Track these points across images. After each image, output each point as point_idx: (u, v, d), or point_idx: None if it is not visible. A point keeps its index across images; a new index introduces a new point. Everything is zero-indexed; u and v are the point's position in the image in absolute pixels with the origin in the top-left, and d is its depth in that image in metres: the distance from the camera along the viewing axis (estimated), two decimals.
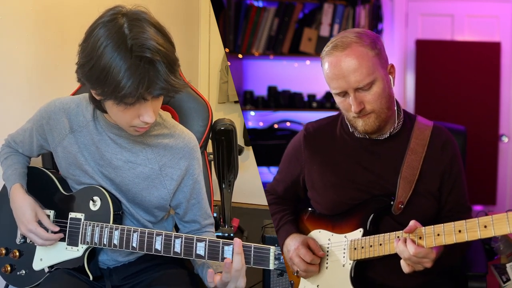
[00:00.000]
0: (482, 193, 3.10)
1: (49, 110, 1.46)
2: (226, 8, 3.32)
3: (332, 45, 1.42)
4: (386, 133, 1.51)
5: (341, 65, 1.40)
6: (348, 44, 1.40)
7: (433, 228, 1.30)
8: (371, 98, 1.42)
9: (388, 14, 3.21)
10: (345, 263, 1.48)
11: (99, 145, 1.41)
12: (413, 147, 1.49)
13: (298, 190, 1.67)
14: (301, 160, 1.62)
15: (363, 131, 1.48)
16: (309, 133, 1.63)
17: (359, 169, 1.52)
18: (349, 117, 1.49)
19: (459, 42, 3.10)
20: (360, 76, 1.39)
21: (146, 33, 1.16)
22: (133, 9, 1.21)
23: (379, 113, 1.44)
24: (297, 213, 1.68)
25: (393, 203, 1.46)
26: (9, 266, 1.53)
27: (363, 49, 1.40)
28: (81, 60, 1.21)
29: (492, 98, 3.08)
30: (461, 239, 1.25)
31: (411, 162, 1.48)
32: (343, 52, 1.40)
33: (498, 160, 3.12)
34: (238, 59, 3.41)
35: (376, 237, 1.43)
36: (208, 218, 1.55)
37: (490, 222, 1.20)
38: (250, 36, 3.31)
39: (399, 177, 1.47)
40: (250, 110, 3.49)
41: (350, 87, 1.40)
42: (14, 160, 1.54)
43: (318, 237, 1.56)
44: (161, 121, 1.45)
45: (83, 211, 1.43)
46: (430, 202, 1.50)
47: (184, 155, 1.45)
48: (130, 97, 1.16)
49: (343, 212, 1.53)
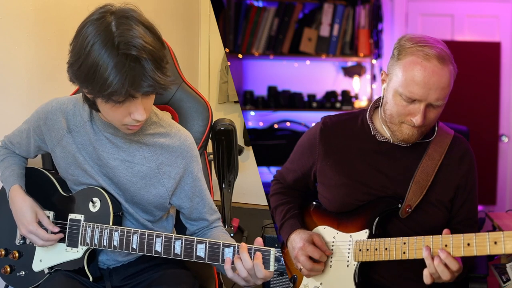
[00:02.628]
0: (482, 193, 3.08)
1: (46, 111, 1.46)
2: (226, 8, 3.32)
3: (430, 51, 1.33)
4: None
5: (434, 76, 1.32)
6: (447, 59, 1.34)
7: (441, 238, 1.27)
8: (433, 116, 1.39)
9: (388, 14, 3.21)
10: (349, 264, 1.46)
11: (96, 145, 1.41)
12: (430, 153, 1.47)
13: (308, 182, 1.65)
14: (315, 153, 1.59)
15: (401, 139, 1.44)
16: (326, 127, 1.59)
17: (373, 172, 1.50)
18: (397, 121, 1.42)
19: (459, 42, 3.10)
20: (442, 96, 1.35)
21: (133, 30, 1.16)
22: (122, 7, 1.22)
23: (427, 129, 1.43)
24: (303, 206, 1.66)
25: (400, 206, 1.44)
26: (8, 267, 1.52)
27: (454, 72, 1.36)
28: (71, 59, 1.22)
29: (492, 98, 3.08)
30: (469, 253, 1.21)
31: (426, 168, 1.46)
32: (441, 65, 1.33)
33: (498, 160, 3.12)
34: (238, 59, 3.41)
35: (382, 240, 1.40)
36: (215, 213, 1.54)
37: (501, 239, 1.16)
38: (250, 36, 3.31)
39: (412, 180, 1.45)
40: (250, 110, 3.49)
41: (427, 100, 1.35)
42: (11, 162, 1.54)
43: (323, 234, 1.54)
44: (157, 120, 1.45)
45: (83, 212, 1.43)
46: (441, 211, 1.48)
47: (181, 154, 1.44)
48: (117, 94, 1.16)
49: (349, 211, 1.52)
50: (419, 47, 1.34)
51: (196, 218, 1.51)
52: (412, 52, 1.35)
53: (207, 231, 1.51)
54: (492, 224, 2.48)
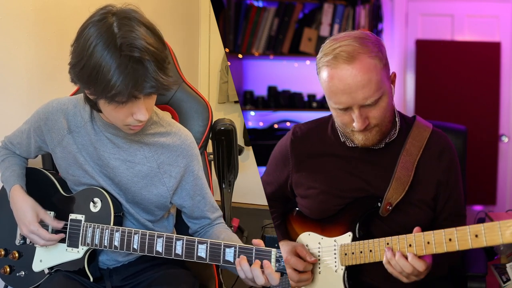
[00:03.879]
0: (482, 193, 3.10)
1: (47, 111, 1.46)
2: (226, 8, 3.32)
3: (335, 54, 1.27)
4: (382, 143, 1.44)
5: (347, 79, 1.26)
6: (355, 54, 1.26)
7: (423, 236, 1.25)
8: (376, 114, 1.32)
9: (388, 14, 3.21)
10: (337, 269, 1.44)
11: (96, 145, 1.41)
12: (408, 148, 1.42)
13: (286, 192, 1.61)
14: (288, 165, 1.56)
15: (362, 145, 1.39)
16: (296, 138, 1.55)
17: (349, 177, 1.46)
18: (347, 130, 1.39)
19: (459, 42, 3.09)
20: (369, 93, 1.27)
21: (135, 32, 1.16)
22: (124, 8, 1.22)
23: (381, 127, 1.37)
24: (285, 214, 1.63)
25: (380, 205, 1.41)
26: (8, 267, 1.52)
27: (372, 61, 1.27)
28: (73, 60, 1.22)
29: (492, 98, 3.08)
30: (452, 248, 1.19)
31: (405, 163, 1.41)
32: (350, 65, 1.26)
33: (498, 160, 3.12)
34: (238, 59, 3.40)
35: (366, 243, 1.37)
36: (216, 211, 1.54)
37: (481, 232, 1.14)
38: (250, 36, 3.31)
39: (392, 177, 1.40)
40: (250, 110, 3.48)
41: (355, 103, 1.29)
42: (11, 162, 1.54)
43: (307, 240, 1.51)
44: (157, 119, 1.45)
45: (84, 212, 1.43)
46: (423, 211, 1.44)
47: (181, 153, 1.45)
48: (120, 95, 1.17)
49: (331, 216, 1.49)
50: (325, 56, 1.30)
51: (198, 217, 1.51)
52: (321, 65, 1.31)
53: (209, 229, 1.51)
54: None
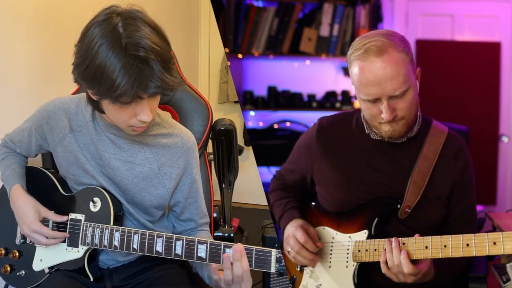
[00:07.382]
0: (482, 193, 3.09)
1: (49, 110, 1.45)
2: (226, 8, 3.32)
3: (365, 49, 1.36)
4: (404, 137, 1.49)
5: (377, 71, 1.34)
6: (384, 48, 1.34)
7: (440, 239, 1.27)
8: (403, 106, 1.39)
9: (388, 14, 3.21)
10: (348, 264, 1.47)
11: (97, 145, 1.41)
12: (425, 153, 1.48)
13: (306, 184, 1.66)
14: (312, 154, 1.60)
15: (389, 137, 1.45)
16: (322, 128, 1.61)
17: (370, 170, 1.51)
18: (374, 123, 1.45)
19: (459, 42, 3.10)
20: (397, 84, 1.35)
21: (141, 31, 1.16)
22: (128, 8, 1.21)
23: (408, 120, 1.42)
24: (302, 205, 1.66)
25: (400, 207, 1.45)
26: (8, 266, 1.52)
27: (400, 55, 1.35)
28: (77, 60, 1.21)
29: (492, 98, 3.08)
30: (469, 254, 1.21)
31: (422, 168, 1.46)
32: (379, 58, 1.34)
33: (498, 160, 3.12)
34: (238, 59, 3.40)
35: (381, 241, 1.40)
36: (204, 217, 1.55)
37: (500, 239, 1.16)
38: (250, 36, 3.31)
39: (409, 181, 1.46)
40: (250, 110, 3.48)
41: (384, 94, 1.36)
42: (12, 161, 1.54)
43: (322, 234, 1.55)
44: (159, 120, 1.45)
45: (84, 212, 1.42)
46: (439, 208, 1.48)
47: (182, 154, 1.45)
48: (125, 96, 1.16)
49: (349, 210, 1.52)
50: (356, 51, 1.38)
51: (185, 219, 1.52)
52: (352, 59, 1.39)
53: (192, 233, 1.52)
54: (492, 224, 2.48)
